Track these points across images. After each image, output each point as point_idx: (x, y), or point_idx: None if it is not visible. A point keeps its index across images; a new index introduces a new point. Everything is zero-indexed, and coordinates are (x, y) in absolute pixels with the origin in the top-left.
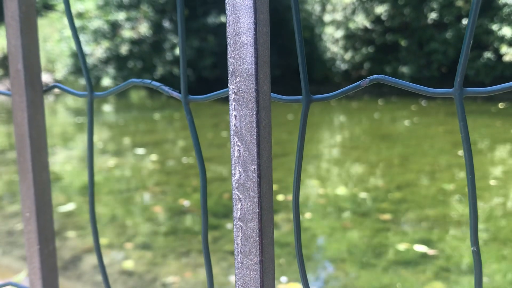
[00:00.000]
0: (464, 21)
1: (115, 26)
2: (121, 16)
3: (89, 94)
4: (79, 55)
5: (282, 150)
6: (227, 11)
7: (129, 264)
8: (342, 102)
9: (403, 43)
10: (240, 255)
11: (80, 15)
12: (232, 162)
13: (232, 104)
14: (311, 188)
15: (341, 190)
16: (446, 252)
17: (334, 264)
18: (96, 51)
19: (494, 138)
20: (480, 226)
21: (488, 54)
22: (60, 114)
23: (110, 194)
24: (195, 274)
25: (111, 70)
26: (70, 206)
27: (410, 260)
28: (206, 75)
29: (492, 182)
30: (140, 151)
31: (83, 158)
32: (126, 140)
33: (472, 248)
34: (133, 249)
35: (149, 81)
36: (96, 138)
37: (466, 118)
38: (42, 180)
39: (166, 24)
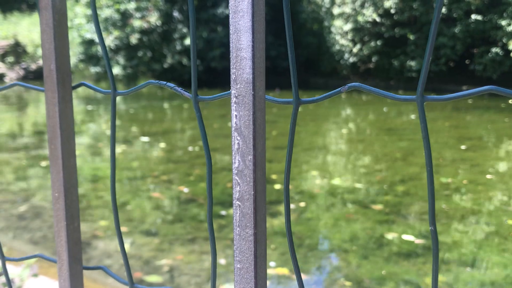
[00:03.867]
0: (474, 16)
1: (125, 16)
2: (131, 5)
3: (112, 91)
4: (103, 55)
5: (286, 142)
6: (230, 31)
7: (133, 249)
8: (352, 95)
9: (411, 37)
10: (238, 229)
11: (88, 5)
12: (233, 153)
13: (233, 106)
14: (316, 179)
15: (345, 182)
16: (448, 245)
17: (336, 254)
18: (106, 40)
19: (500, 134)
20: (483, 219)
21: (496, 50)
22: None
23: (117, 181)
24: (200, 260)
25: (121, 59)
26: (79, 191)
27: (411, 252)
28: (215, 65)
29: (492, 177)
30: (148, 139)
31: (92, 145)
32: (135, 129)
33: (430, 228)
34: (138, 235)
35: (164, 82)
36: (105, 126)
37: (426, 120)
38: (70, 165)
39: (176, 14)
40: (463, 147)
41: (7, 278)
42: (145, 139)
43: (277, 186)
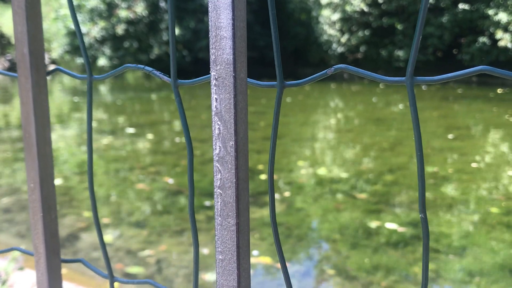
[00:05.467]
0: (461, 6)
1: (111, 6)
2: None
3: (88, 76)
4: (78, 39)
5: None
6: (209, 8)
7: (121, 241)
8: (342, 85)
9: (399, 26)
10: (219, 218)
11: None
12: (213, 139)
13: (213, 89)
14: (305, 170)
15: (334, 172)
16: (436, 234)
17: (326, 243)
18: (92, 31)
19: (488, 123)
20: (469, 208)
21: (483, 39)
22: (58, 94)
23: (105, 173)
24: (188, 252)
25: (107, 50)
26: (57, 182)
27: (399, 241)
28: (202, 56)
29: (479, 166)
30: (136, 131)
31: (79, 136)
32: (122, 120)
33: (420, 215)
34: (126, 227)
35: (142, 66)
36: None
37: (416, 103)
38: (45, 154)
39: (162, 4)
40: (450, 136)
41: None
42: (132, 130)
43: (266, 177)
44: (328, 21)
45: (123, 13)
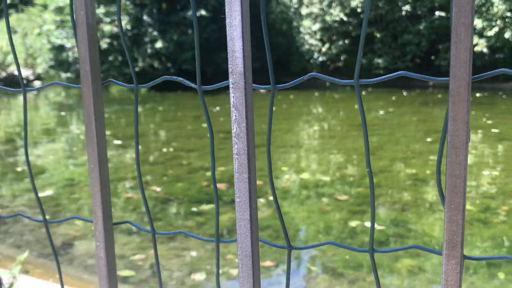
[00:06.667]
0: (437, 13)
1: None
2: (100, 10)
3: (135, 85)
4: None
5: (263, 140)
6: (227, 39)
7: (118, 249)
8: (326, 93)
9: (378, 35)
10: (237, 174)
11: (60, 10)
12: (232, 122)
13: (231, 89)
14: (291, 175)
15: (319, 176)
16: (417, 232)
17: (312, 243)
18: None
19: None
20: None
21: None
22: (45, 109)
23: None
24: (180, 256)
25: None
26: (48, 193)
27: (382, 239)
28: (187, 68)
29: None
30: (122, 142)
31: (69, 150)
32: (108, 133)
33: (367, 170)
34: (118, 234)
35: (176, 77)
36: (78, 131)
37: (362, 101)
38: (101, 143)
39: (146, 17)
40: (429, 139)
41: None
42: (119, 142)
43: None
44: (309, 31)
45: (106, 28)
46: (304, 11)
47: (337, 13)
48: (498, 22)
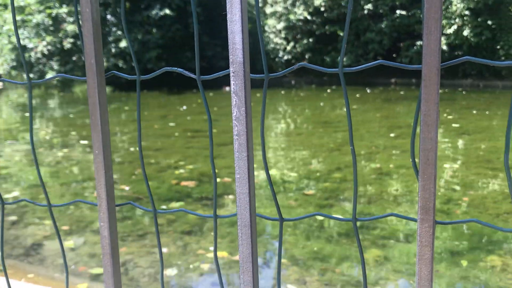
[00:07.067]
0: (398, 11)
1: (57, 20)
2: (63, 9)
3: (138, 77)
4: (129, 43)
5: (230, 139)
6: (228, 33)
7: (85, 247)
8: (292, 92)
9: (341, 33)
10: (237, 153)
11: (21, 9)
12: (232, 107)
13: (232, 78)
14: (257, 171)
15: (286, 173)
16: (383, 224)
17: (282, 236)
18: (38, 46)
19: None
20: (413, 199)
21: (420, 43)
22: (7, 110)
23: (64, 185)
24: (152, 253)
25: (55, 64)
26: (15, 194)
27: (349, 231)
28: (151, 67)
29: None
30: (89, 143)
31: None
32: (74, 133)
33: (350, 148)
34: (89, 234)
35: (176, 68)
36: (43, 132)
37: (346, 88)
38: (105, 131)
39: (109, 17)
40: (392, 135)
41: None
42: (86, 142)
43: (223, 180)
44: (274, 29)
45: (70, 27)
46: (268, 10)
47: (301, 12)
48: (457, 20)
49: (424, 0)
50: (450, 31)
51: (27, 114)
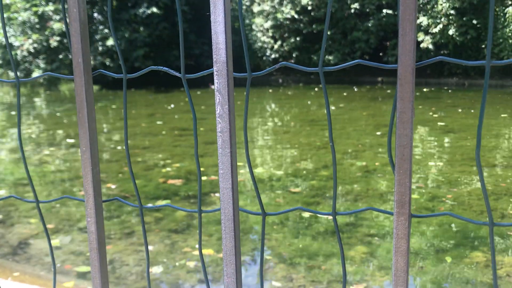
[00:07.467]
0: (385, 11)
1: (43, 18)
2: (49, 7)
3: (124, 76)
4: (115, 43)
5: (212, 138)
6: (212, 33)
7: (72, 245)
8: (279, 90)
9: (328, 32)
10: (220, 149)
11: (7, 7)
12: (216, 104)
13: (215, 76)
14: (244, 169)
15: (273, 171)
16: (369, 221)
17: (268, 234)
18: (24, 44)
19: (414, 119)
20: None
21: None
22: None
23: (50, 183)
24: (139, 251)
25: (41, 63)
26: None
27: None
28: (139, 65)
29: None
30: (76, 141)
31: (17, 150)
32: (60, 132)
33: (330, 144)
34: (76, 232)
35: (162, 67)
36: (30, 130)
37: (326, 87)
38: (92, 128)
39: (96, 15)
40: (379, 133)
41: None
42: (72, 141)
43: (210, 178)
44: (261, 28)
45: (56, 25)
46: (256, 8)
47: (288, 11)
48: (443, 19)
49: (399, 3)
50: (435, 30)
51: (13, 113)
